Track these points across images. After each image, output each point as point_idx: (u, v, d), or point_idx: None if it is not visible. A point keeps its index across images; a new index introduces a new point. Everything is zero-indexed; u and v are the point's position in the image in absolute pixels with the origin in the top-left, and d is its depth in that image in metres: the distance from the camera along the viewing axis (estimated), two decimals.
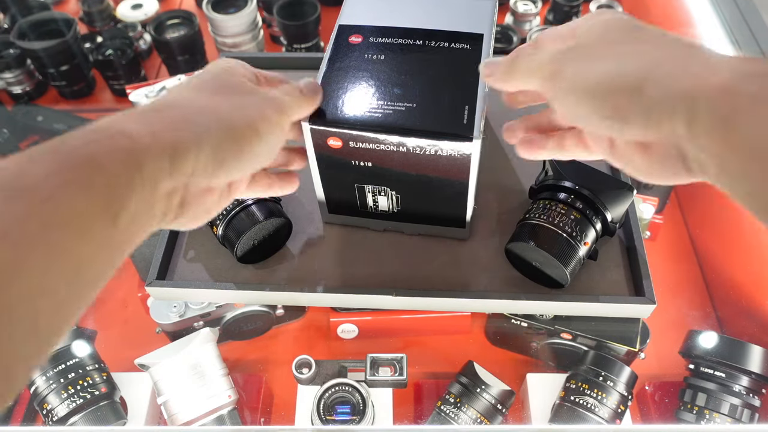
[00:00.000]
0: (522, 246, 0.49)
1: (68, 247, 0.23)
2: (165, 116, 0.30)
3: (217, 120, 0.32)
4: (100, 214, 0.24)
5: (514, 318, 0.64)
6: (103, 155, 0.25)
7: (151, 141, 0.28)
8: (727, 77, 0.26)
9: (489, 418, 0.58)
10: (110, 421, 0.56)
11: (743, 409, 0.57)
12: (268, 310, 0.67)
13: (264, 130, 0.35)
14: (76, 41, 0.94)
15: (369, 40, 0.46)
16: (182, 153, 0.29)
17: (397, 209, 0.49)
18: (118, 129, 0.27)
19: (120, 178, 0.26)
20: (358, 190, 0.48)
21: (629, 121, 0.29)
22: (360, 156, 0.44)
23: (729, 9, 0.89)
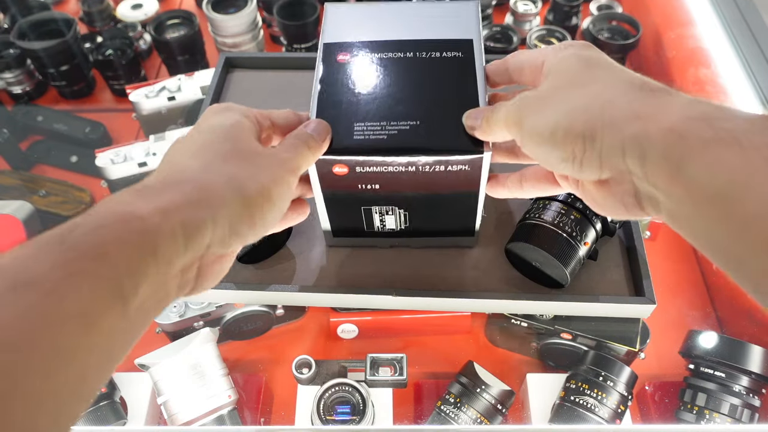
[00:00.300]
0: (522, 246, 0.49)
1: (73, 343, 0.22)
2: (177, 192, 0.28)
3: (232, 191, 0.31)
4: (107, 305, 0.24)
5: (514, 318, 0.64)
6: (112, 242, 0.24)
7: (164, 221, 0.26)
8: (675, 119, 0.27)
9: (489, 418, 0.58)
10: (110, 421, 0.56)
11: (743, 409, 0.57)
12: (268, 310, 0.67)
13: (276, 196, 0.34)
14: (76, 41, 0.94)
15: (357, 56, 0.45)
16: (197, 231, 0.28)
17: (405, 226, 0.49)
18: (128, 211, 0.26)
19: (131, 263, 0.25)
20: (364, 213, 0.47)
21: (584, 164, 0.31)
22: (367, 180, 0.43)
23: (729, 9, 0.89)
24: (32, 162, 0.91)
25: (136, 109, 0.85)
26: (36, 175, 0.88)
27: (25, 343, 0.21)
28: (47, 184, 0.85)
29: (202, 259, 0.30)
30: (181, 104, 0.85)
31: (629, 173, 0.29)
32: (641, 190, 0.29)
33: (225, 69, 0.65)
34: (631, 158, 0.28)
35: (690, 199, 0.26)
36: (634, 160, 0.28)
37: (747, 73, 0.81)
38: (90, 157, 0.79)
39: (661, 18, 0.99)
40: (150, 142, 0.78)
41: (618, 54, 0.94)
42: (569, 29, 0.98)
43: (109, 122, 0.93)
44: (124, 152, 0.78)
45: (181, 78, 0.86)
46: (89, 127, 0.91)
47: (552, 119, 0.32)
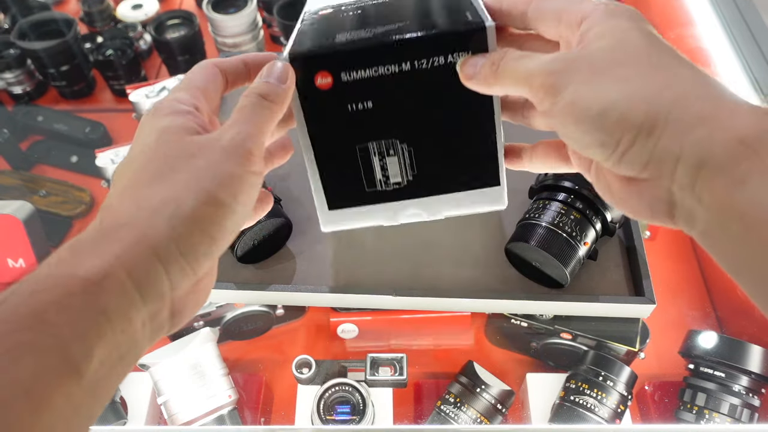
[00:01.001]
0: (522, 246, 0.49)
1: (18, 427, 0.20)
2: (114, 242, 0.24)
3: (166, 221, 0.25)
4: (56, 379, 0.21)
5: (514, 318, 0.64)
6: (51, 308, 0.21)
7: (107, 278, 0.23)
8: (749, 130, 0.23)
9: (489, 418, 0.58)
10: (110, 421, 0.56)
11: (743, 409, 0.57)
12: (268, 310, 0.67)
13: (228, 198, 0.27)
14: (77, 41, 0.94)
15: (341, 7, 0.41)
16: (148, 279, 0.24)
17: (412, 175, 0.40)
18: (67, 272, 0.23)
19: (76, 329, 0.22)
20: (361, 156, 0.40)
21: (625, 158, 0.26)
22: (357, 94, 0.37)
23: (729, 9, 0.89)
24: (32, 162, 0.91)
25: (136, 109, 0.85)
26: (36, 175, 0.88)
27: None
28: (47, 184, 0.85)
29: (173, 301, 0.26)
30: None
31: (673, 180, 0.25)
32: (679, 200, 0.26)
33: None
34: (684, 166, 0.24)
35: (744, 222, 0.23)
36: (687, 168, 0.24)
37: (747, 73, 0.81)
38: (90, 157, 0.79)
39: (661, 18, 0.99)
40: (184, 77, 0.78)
41: None
42: None
43: (109, 122, 0.93)
44: (124, 152, 0.78)
45: (181, 78, 0.86)
46: (89, 127, 0.91)
47: (607, 96, 0.26)
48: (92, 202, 0.85)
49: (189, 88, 0.32)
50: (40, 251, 0.71)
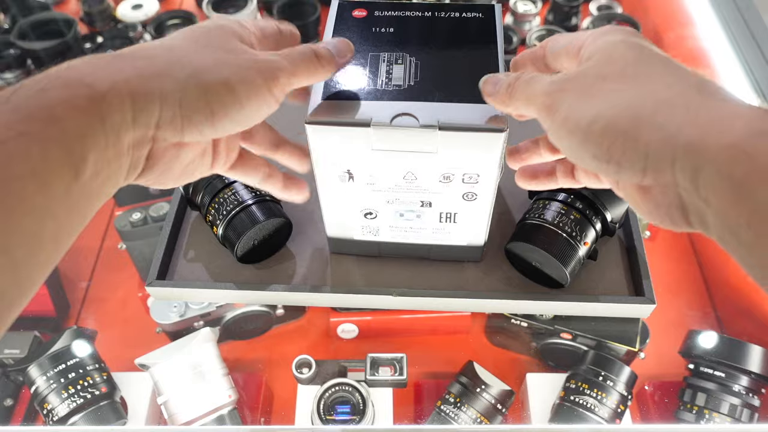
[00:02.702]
0: (522, 246, 0.49)
1: (24, 201, 0.21)
2: (128, 65, 0.27)
3: (188, 74, 0.28)
4: (59, 166, 0.23)
5: (514, 318, 0.64)
6: (59, 105, 0.23)
7: (111, 90, 0.25)
8: (741, 134, 0.23)
9: (489, 418, 0.58)
10: (110, 421, 0.56)
11: (743, 408, 0.57)
12: (268, 310, 0.67)
13: (242, 93, 0.30)
14: (77, 41, 0.94)
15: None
16: (145, 104, 0.27)
17: (414, 81, 0.40)
18: (76, 77, 0.25)
19: (79, 128, 0.24)
20: (371, 59, 0.41)
21: (623, 167, 0.27)
22: (384, 22, 0.44)
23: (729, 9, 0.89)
24: None
25: None
26: None
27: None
28: None
29: (155, 141, 0.29)
30: None
31: (676, 185, 0.26)
32: (689, 204, 0.26)
33: None
34: (681, 171, 0.25)
35: (755, 226, 0.22)
36: (685, 173, 0.25)
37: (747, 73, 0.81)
38: None
39: (661, 18, 0.99)
40: None
41: None
42: (569, 29, 0.98)
43: None
44: None
45: None
46: None
47: (594, 109, 0.28)
48: None
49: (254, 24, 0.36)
50: None
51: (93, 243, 0.81)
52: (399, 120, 0.38)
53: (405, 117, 0.38)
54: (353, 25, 0.44)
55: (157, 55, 0.29)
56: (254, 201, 0.51)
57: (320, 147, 0.40)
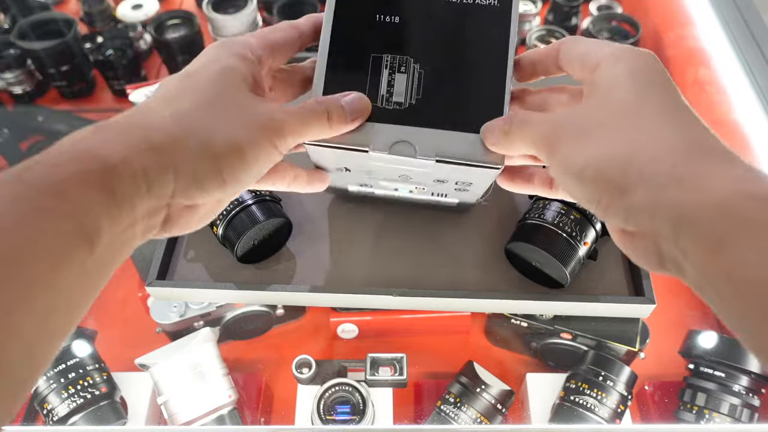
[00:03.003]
0: (522, 246, 0.49)
1: (38, 281, 0.21)
2: (140, 135, 0.27)
3: (197, 143, 0.29)
4: (73, 242, 0.23)
5: (514, 318, 0.64)
6: (71, 180, 0.23)
7: (123, 163, 0.25)
8: (724, 195, 0.24)
9: (489, 418, 0.58)
10: (110, 421, 0.56)
11: (743, 408, 0.57)
12: (268, 310, 0.67)
13: (251, 157, 0.31)
14: (77, 41, 0.94)
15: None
16: (158, 177, 0.27)
17: (416, 99, 0.39)
18: (87, 151, 0.25)
19: (91, 202, 0.24)
20: (372, 66, 0.39)
21: (609, 212, 0.28)
22: (388, 6, 0.39)
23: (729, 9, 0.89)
24: None
25: None
26: None
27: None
28: None
29: (170, 207, 0.29)
30: None
31: (656, 235, 0.26)
32: (666, 253, 0.27)
33: None
34: (663, 222, 0.26)
35: (731, 282, 0.23)
36: (667, 224, 0.26)
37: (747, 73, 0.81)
38: None
39: (661, 18, 0.99)
40: None
41: None
42: (569, 29, 0.98)
43: None
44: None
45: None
46: None
47: (586, 157, 0.29)
48: None
49: (262, 39, 0.35)
50: None
51: None
52: (397, 148, 0.38)
53: (403, 144, 0.38)
54: (356, 9, 0.39)
55: (167, 125, 0.29)
56: (254, 201, 0.51)
57: (319, 158, 0.41)
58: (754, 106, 0.78)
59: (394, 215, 0.54)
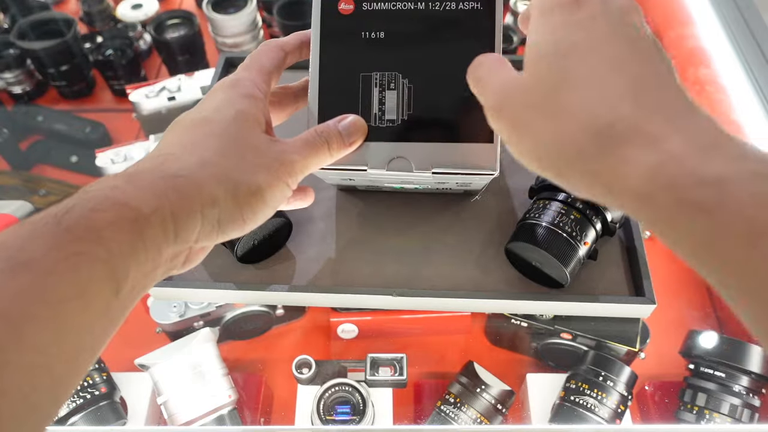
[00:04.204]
0: (522, 246, 0.49)
1: (69, 321, 0.23)
2: (170, 185, 0.29)
3: (225, 192, 0.31)
4: (103, 285, 0.24)
5: (514, 318, 0.64)
6: (107, 227, 0.25)
7: (155, 213, 0.27)
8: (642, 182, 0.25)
9: (489, 418, 0.58)
10: (110, 421, 0.56)
11: (743, 409, 0.57)
12: (268, 310, 0.67)
13: (270, 197, 0.33)
14: (76, 41, 0.94)
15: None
16: (187, 223, 0.29)
17: (407, 114, 0.40)
18: (122, 199, 0.27)
19: (124, 249, 0.25)
20: (362, 85, 0.40)
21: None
22: (373, 23, 0.40)
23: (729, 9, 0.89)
24: (32, 162, 0.91)
25: (136, 109, 0.85)
26: (36, 175, 0.88)
27: (21, 320, 0.21)
28: (47, 184, 0.85)
29: (190, 250, 0.31)
30: (181, 104, 0.85)
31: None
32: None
33: (225, 69, 0.65)
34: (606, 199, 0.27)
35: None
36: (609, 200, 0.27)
37: (747, 73, 0.81)
38: (90, 157, 0.79)
39: (661, 18, 0.99)
40: (150, 142, 0.79)
41: None
42: None
43: (109, 122, 0.93)
44: (124, 152, 0.78)
45: (181, 78, 0.86)
46: (89, 127, 0.91)
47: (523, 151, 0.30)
48: None
49: (262, 72, 0.37)
50: None
51: None
52: (394, 164, 0.40)
53: (400, 160, 0.40)
54: (341, 28, 0.40)
55: (194, 173, 0.30)
56: None
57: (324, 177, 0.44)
58: (754, 106, 0.78)
59: (395, 215, 0.54)
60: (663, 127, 0.25)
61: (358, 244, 0.53)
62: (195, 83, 0.85)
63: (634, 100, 0.26)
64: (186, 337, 0.58)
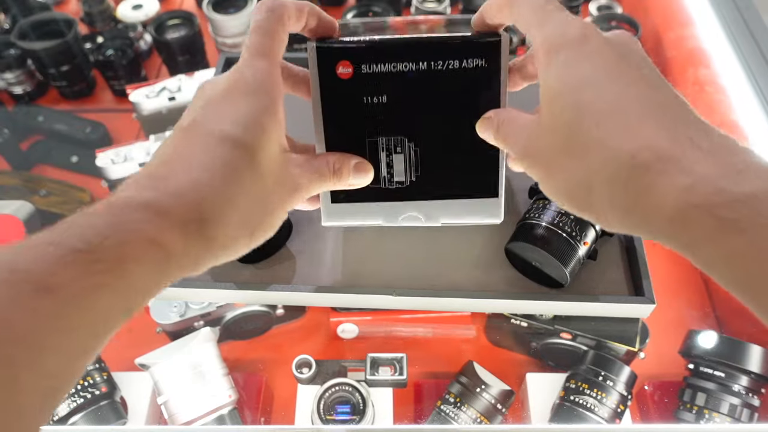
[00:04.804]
0: (522, 246, 0.49)
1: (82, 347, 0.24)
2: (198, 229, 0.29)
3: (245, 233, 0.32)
4: (118, 314, 0.26)
5: (514, 318, 0.64)
6: (135, 262, 0.26)
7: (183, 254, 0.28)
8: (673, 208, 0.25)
9: (489, 418, 0.58)
10: (110, 421, 0.56)
11: (743, 408, 0.57)
12: (268, 310, 0.67)
13: (278, 219, 0.34)
14: (77, 41, 0.94)
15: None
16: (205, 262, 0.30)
17: (416, 176, 0.41)
18: (152, 235, 0.27)
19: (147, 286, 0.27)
20: (369, 150, 0.40)
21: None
22: (374, 87, 0.38)
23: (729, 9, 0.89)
24: (32, 162, 0.91)
25: (136, 109, 0.85)
26: (36, 175, 0.88)
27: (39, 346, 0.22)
28: (48, 184, 0.85)
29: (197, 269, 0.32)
30: (181, 104, 0.85)
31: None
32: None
33: (225, 69, 0.65)
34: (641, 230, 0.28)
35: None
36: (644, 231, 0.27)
37: (747, 73, 0.81)
38: (90, 158, 0.79)
39: (661, 18, 0.99)
40: (150, 143, 0.79)
41: None
42: None
43: (109, 122, 0.93)
44: (124, 152, 0.78)
45: (181, 78, 0.86)
46: (90, 127, 0.91)
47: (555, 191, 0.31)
48: (92, 202, 0.85)
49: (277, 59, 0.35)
50: None
51: None
52: (405, 219, 0.42)
53: (410, 216, 0.42)
54: (341, 92, 0.39)
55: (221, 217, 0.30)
56: None
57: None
58: (754, 106, 0.78)
59: None
60: (689, 150, 0.25)
61: (358, 244, 0.53)
62: (195, 83, 0.85)
63: (656, 127, 0.26)
64: (186, 336, 0.59)
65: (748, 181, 0.23)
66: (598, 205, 0.28)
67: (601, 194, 0.28)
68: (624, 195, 0.27)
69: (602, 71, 0.28)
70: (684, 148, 0.25)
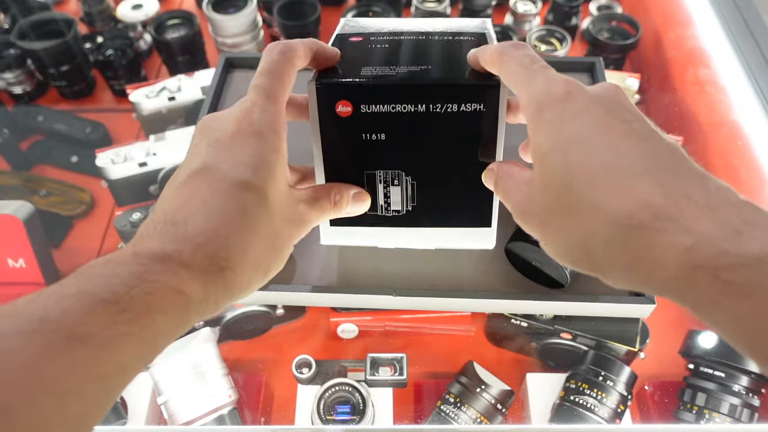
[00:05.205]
0: (522, 246, 0.49)
1: (109, 393, 0.25)
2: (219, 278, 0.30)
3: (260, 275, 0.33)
4: (142, 360, 0.27)
5: (514, 318, 0.64)
6: (159, 313, 0.27)
7: (202, 301, 0.29)
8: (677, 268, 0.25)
9: (489, 418, 0.58)
10: (110, 421, 0.56)
11: (743, 408, 0.57)
12: (268, 310, 0.67)
13: (287, 255, 0.36)
14: (77, 41, 0.94)
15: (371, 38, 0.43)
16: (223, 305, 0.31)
17: (411, 206, 0.43)
18: (176, 286, 0.28)
19: (169, 332, 0.28)
20: (367, 181, 0.42)
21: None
22: (372, 125, 0.40)
23: (729, 9, 0.89)
24: (32, 162, 0.91)
25: (136, 109, 0.85)
26: (36, 175, 0.88)
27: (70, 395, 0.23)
28: (47, 184, 0.85)
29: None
30: (181, 104, 0.85)
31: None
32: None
33: (225, 69, 0.65)
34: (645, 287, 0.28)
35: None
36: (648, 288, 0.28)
37: (747, 73, 0.81)
38: (90, 157, 0.79)
39: (661, 18, 0.99)
40: (150, 142, 0.79)
41: (618, 54, 0.94)
42: (569, 29, 0.98)
43: (109, 122, 0.93)
44: (124, 152, 0.78)
45: (181, 78, 0.86)
46: (90, 127, 0.91)
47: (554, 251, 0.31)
48: (92, 202, 0.85)
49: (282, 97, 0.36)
50: (40, 251, 0.71)
51: (93, 243, 0.81)
52: (401, 243, 0.45)
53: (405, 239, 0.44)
54: (341, 129, 0.40)
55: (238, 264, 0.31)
56: None
57: None
58: (754, 106, 0.78)
59: None
60: (686, 207, 0.25)
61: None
62: (195, 83, 0.85)
63: (650, 183, 0.26)
64: (186, 337, 0.59)
65: (751, 242, 0.23)
66: (601, 265, 0.28)
67: (602, 254, 0.27)
68: (623, 255, 0.26)
69: (589, 129, 0.28)
70: (680, 205, 0.25)
